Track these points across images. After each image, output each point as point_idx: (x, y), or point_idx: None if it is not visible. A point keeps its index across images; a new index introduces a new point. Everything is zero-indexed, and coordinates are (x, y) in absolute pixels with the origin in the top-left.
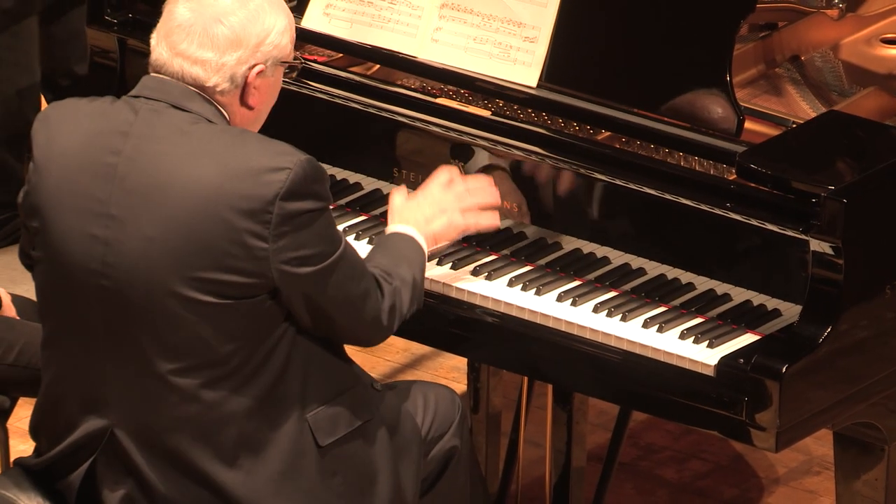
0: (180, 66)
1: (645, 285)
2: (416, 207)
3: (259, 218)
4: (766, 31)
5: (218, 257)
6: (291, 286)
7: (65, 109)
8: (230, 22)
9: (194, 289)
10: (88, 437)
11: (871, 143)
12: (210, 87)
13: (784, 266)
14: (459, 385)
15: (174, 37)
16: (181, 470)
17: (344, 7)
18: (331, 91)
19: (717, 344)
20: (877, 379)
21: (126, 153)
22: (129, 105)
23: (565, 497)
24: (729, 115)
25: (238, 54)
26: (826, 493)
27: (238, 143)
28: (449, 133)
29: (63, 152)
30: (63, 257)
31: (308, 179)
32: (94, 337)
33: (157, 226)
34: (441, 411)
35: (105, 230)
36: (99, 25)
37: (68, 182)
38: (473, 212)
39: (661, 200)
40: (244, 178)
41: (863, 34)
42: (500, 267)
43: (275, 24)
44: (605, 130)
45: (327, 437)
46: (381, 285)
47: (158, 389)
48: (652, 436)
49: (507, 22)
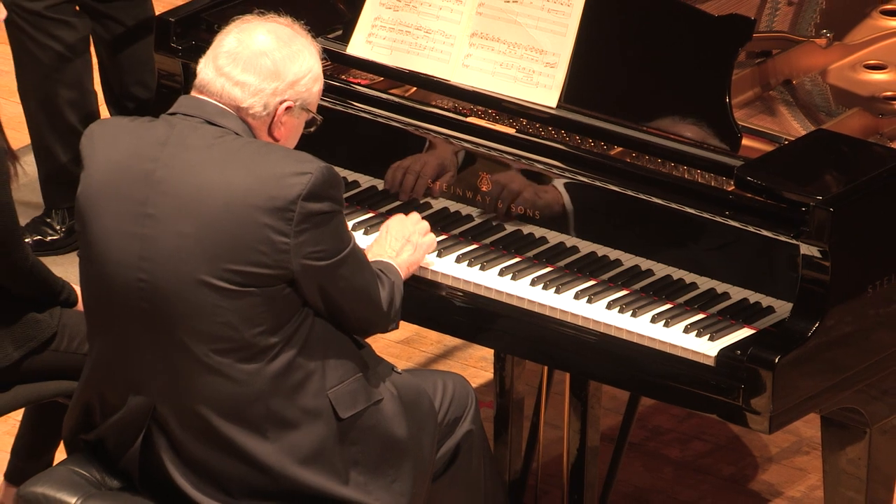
0: (222, 86)
1: (653, 285)
2: (383, 243)
3: (282, 216)
4: (761, 58)
5: (245, 251)
6: (309, 277)
7: (107, 125)
8: (273, 56)
9: (222, 279)
10: (133, 413)
11: (855, 158)
12: (244, 108)
13: (777, 268)
14: (486, 373)
15: (221, 60)
16: (215, 441)
17: (385, 36)
18: (373, 111)
19: (717, 337)
20: (860, 369)
21: (163, 160)
22: (166, 121)
23: (581, 473)
24: (728, 133)
25: (275, 85)
26: (814, 471)
27: (264, 151)
28: (478, 148)
29: (105, 161)
30: (103, 255)
31: (327, 184)
32: (133, 325)
33: (190, 223)
34: (457, 398)
35: (142, 228)
36: (166, 51)
37: (109, 187)
38: (430, 235)
39: (667, 209)
40: (270, 180)
41: (848, 61)
42: (524, 268)
43: (311, 69)
44: (617, 146)
45: (347, 410)
46: (381, 278)
47: (192, 369)
48: (658, 419)
49: (530, 49)
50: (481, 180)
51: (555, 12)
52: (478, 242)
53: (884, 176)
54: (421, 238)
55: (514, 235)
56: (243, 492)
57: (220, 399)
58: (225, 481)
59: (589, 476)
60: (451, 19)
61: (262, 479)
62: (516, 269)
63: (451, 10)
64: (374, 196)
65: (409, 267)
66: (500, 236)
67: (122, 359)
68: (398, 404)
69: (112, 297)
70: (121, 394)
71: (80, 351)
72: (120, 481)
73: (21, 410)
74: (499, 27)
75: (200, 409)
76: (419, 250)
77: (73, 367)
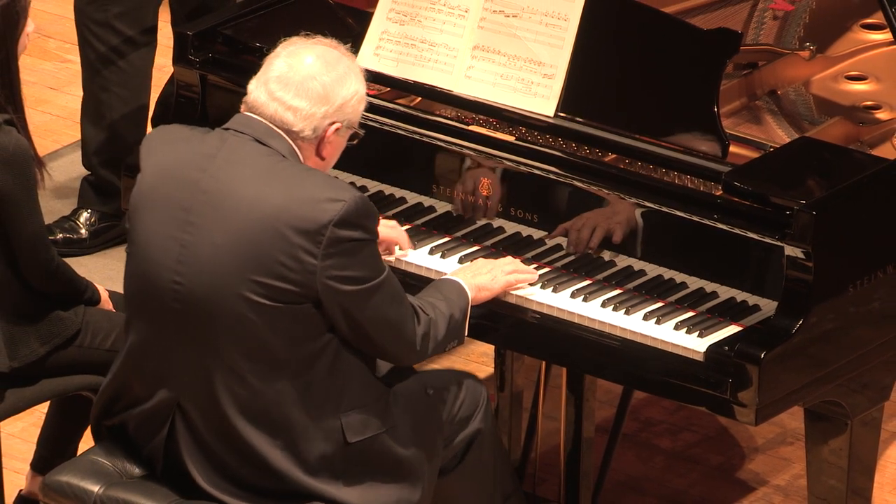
0: (275, 110)
1: (645, 284)
2: (468, 266)
3: (313, 238)
4: (748, 70)
5: (274, 266)
6: (332, 299)
7: (166, 131)
8: (322, 80)
9: (251, 290)
10: (159, 406)
11: (837, 164)
12: (295, 132)
13: (763, 268)
14: (487, 368)
15: (273, 84)
16: (233, 442)
17: (391, 49)
18: (380, 120)
19: (706, 334)
20: (842, 364)
21: (210, 171)
22: (219, 135)
23: (577, 462)
24: (716, 140)
25: (325, 109)
26: (798, 461)
27: (305, 175)
28: (479, 155)
29: (158, 165)
30: (145, 253)
31: (359, 213)
32: (165, 323)
33: (225, 234)
34: (469, 398)
35: (183, 234)
36: (184, 63)
37: (159, 190)
38: (516, 274)
39: (659, 212)
40: (305, 203)
41: (830, 72)
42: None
43: (357, 91)
44: (611, 153)
45: (356, 435)
46: (419, 315)
47: (218, 371)
48: (650, 411)
49: (528, 61)
50: (481, 185)
51: (552, 26)
52: (479, 244)
53: (864, 181)
54: (503, 272)
55: (514, 238)
56: (254, 490)
57: (238, 401)
58: (238, 478)
59: (584, 465)
60: (454, 33)
61: (272, 482)
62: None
63: (455, 25)
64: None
65: (479, 290)
66: (499, 239)
67: (152, 353)
68: (409, 427)
69: (148, 294)
70: (148, 385)
71: (102, 347)
72: (142, 469)
73: (46, 403)
74: (499, 40)
75: (219, 409)
76: (497, 281)
77: (96, 362)
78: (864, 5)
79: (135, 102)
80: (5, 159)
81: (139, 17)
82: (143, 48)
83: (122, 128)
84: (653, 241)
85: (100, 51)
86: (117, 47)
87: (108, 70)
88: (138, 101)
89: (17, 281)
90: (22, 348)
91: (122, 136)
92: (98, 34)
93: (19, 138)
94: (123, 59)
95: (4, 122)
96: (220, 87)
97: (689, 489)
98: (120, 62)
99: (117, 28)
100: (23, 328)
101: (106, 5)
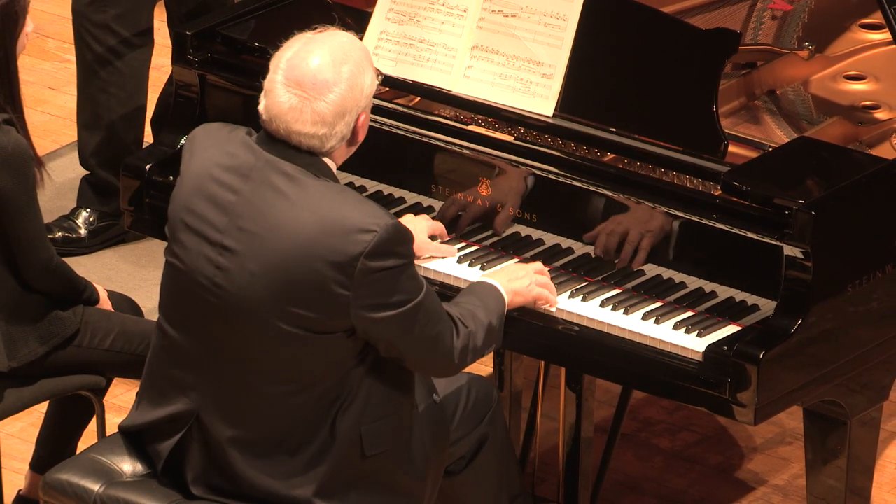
0: (298, 141)
1: (644, 284)
2: (504, 269)
3: (344, 271)
4: (746, 69)
5: (306, 297)
6: (367, 327)
7: (208, 134)
8: (331, 98)
9: (283, 320)
10: (177, 415)
11: (835, 164)
12: (326, 150)
13: (762, 268)
14: (487, 368)
15: (286, 118)
16: (253, 454)
17: (390, 48)
18: (379, 119)
19: (704, 334)
20: (840, 364)
21: (244, 194)
22: (253, 151)
23: (576, 462)
24: (715, 140)
25: (346, 119)
26: (797, 460)
27: (338, 200)
28: (478, 155)
29: (196, 173)
30: (182, 264)
31: (391, 242)
32: (194, 334)
33: (260, 264)
34: (479, 402)
35: (219, 257)
36: (183, 63)
37: (193, 202)
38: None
39: (657, 212)
40: (337, 234)
41: (828, 72)
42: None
43: (366, 80)
44: (610, 153)
45: (373, 448)
46: (458, 328)
47: (242, 391)
48: (649, 411)
49: (527, 61)
50: (481, 185)
51: (551, 26)
52: (478, 244)
53: (863, 181)
54: (535, 282)
55: (513, 237)
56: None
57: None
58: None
59: (583, 465)
60: (453, 33)
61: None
62: None
63: (453, 24)
64: (380, 200)
65: (515, 295)
66: (498, 238)
67: (180, 359)
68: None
69: (183, 302)
70: (171, 390)
71: (101, 347)
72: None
73: (45, 403)
74: (498, 40)
75: (241, 421)
76: (532, 290)
77: (94, 362)
78: (863, 5)
79: (132, 103)
80: (4, 159)
81: (136, 18)
82: (140, 49)
83: (119, 128)
84: (652, 241)
85: (98, 52)
86: (115, 49)
87: (105, 71)
88: (135, 102)
89: (15, 280)
90: (21, 348)
91: (120, 137)
92: (96, 36)
93: (18, 138)
94: (121, 61)
95: (3, 121)
96: (219, 86)
97: (688, 489)
98: (117, 63)
99: (115, 30)
100: (22, 328)
101: (104, 7)
